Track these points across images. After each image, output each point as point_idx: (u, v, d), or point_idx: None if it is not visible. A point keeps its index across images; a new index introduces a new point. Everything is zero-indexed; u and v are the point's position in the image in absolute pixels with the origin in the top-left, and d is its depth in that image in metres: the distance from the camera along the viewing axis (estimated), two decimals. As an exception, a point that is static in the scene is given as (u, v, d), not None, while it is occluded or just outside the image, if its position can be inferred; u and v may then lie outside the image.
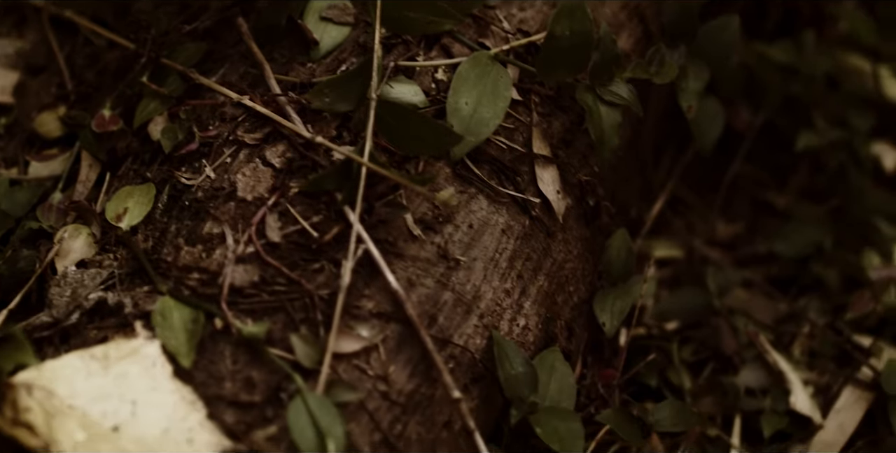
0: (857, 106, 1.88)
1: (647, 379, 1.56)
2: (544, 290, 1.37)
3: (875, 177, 1.89)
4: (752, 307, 1.69)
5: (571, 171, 1.43)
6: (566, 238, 1.42)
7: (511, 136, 1.39)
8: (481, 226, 1.31)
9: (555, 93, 1.44)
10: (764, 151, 1.90)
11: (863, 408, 1.56)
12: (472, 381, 1.26)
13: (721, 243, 1.81)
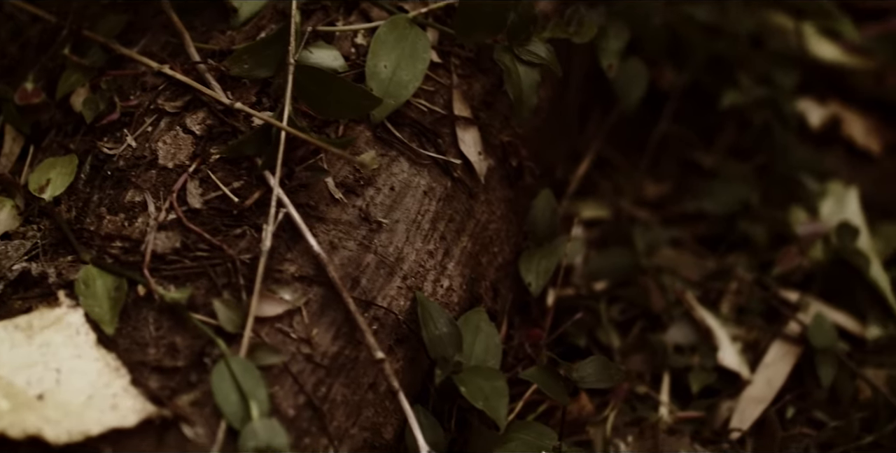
0: (781, 64, 1.91)
1: (576, 339, 1.59)
2: (468, 251, 1.39)
3: (800, 134, 1.92)
4: (679, 265, 1.71)
5: (493, 133, 1.45)
6: (489, 199, 1.44)
7: (431, 99, 1.41)
8: (403, 189, 1.33)
9: (475, 55, 1.45)
10: (690, 111, 1.93)
11: (791, 363, 1.59)
12: (397, 343, 1.28)
13: (649, 203, 1.84)
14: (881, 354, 1.63)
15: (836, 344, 1.56)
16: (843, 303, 1.67)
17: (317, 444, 1.16)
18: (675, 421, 1.51)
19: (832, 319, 1.62)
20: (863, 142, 1.95)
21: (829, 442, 1.52)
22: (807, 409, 1.57)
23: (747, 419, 1.53)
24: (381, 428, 1.24)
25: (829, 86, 2.02)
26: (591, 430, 1.47)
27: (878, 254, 1.72)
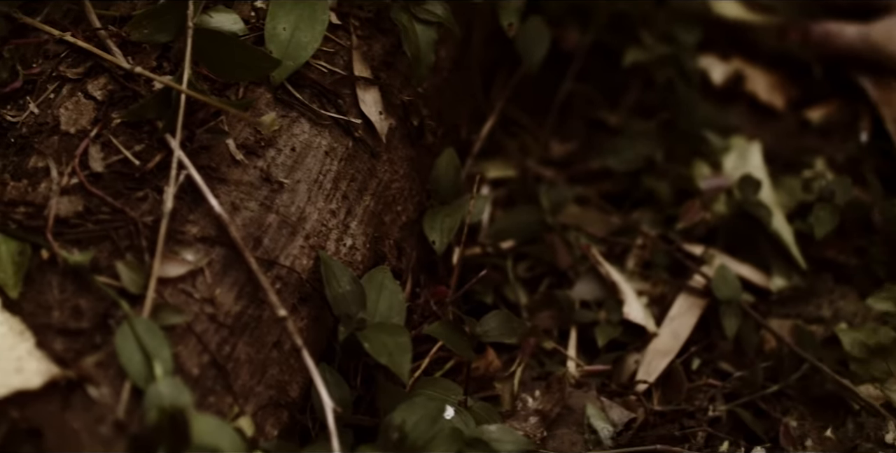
0: (683, 21, 1.95)
1: (483, 297, 1.62)
2: (371, 210, 1.43)
3: (704, 91, 1.96)
4: (585, 222, 1.75)
5: (394, 92, 1.48)
6: (391, 158, 1.47)
7: (331, 60, 1.43)
8: (304, 149, 1.36)
9: (374, 15, 1.48)
10: (595, 70, 1.97)
11: (696, 315, 1.64)
12: (301, 301, 1.30)
13: (554, 162, 1.87)
14: (785, 305, 1.68)
15: (739, 295, 1.60)
16: (747, 256, 1.72)
17: (222, 403, 1.19)
18: (582, 374, 1.55)
19: (736, 271, 1.67)
20: (766, 97, 1.99)
21: (734, 392, 1.57)
22: (712, 361, 1.62)
23: (653, 371, 1.57)
24: (287, 386, 1.27)
25: (732, 42, 2.06)
26: (499, 385, 1.51)
27: (780, 206, 1.76)
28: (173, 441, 1.11)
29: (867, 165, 1.88)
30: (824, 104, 2.01)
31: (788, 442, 1.50)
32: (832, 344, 1.62)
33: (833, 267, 1.74)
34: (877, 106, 1.94)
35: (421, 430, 1.22)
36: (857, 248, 1.75)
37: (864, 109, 1.98)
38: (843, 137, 1.95)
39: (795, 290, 1.69)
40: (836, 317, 1.67)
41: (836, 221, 1.65)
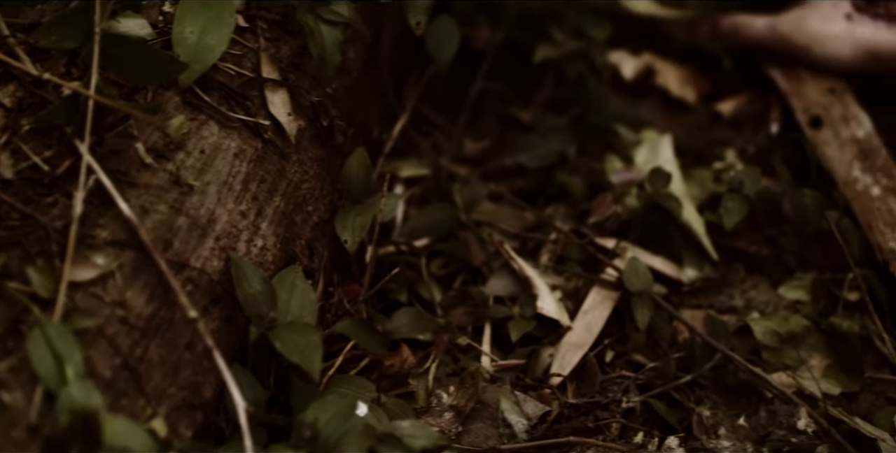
0: (593, 17, 1.99)
1: (397, 295, 1.65)
2: (281, 211, 1.45)
3: (615, 85, 2.00)
4: (499, 218, 1.78)
5: (303, 94, 1.51)
6: (301, 159, 1.50)
7: (240, 62, 1.46)
8: (213, 151, 1.39)
9: (282, 18, 1.51)
10: (507, 67, 2.00)
11: (609, 308, 1.67)
12: (212, 302, 1.33)
13: (468, 160, 1.91)
14: (697, 296, 1.73)
15: (651, 287, 1.64)
16: (659, 248, 1.75)
17: (134, 405, 1.21)
18: (497, 369, 1.58)
19: (649, 264, 1.70)
20: (677, 91, 2.04)
21: (648, 383, 1.60)
22: (626, 352, 1.66)
23: (567, 364, 1.60)
24: (200, 386, 1.30)
25: (643, 37, 2.10)
26: (413, 382, 1.54)
27: (692, 198, 1.80)
28: (85, 443, 1.13)
29: (777, 156, 1.93)
30: (735, 96, 2.05)
31: (701, 431, 1.54)
32: (744, 333, 1.66)
33: (745, 257, 1.78)
34: (786, 97, 1.99)
35: (333, 427, 1.25)
36: (768, 238, 1.80)
37: (774, 101, 2.03)
38: (754, 129, 2.00)
39: (707, 281, 1.73)
40: (748, 307, 1.72)
41: (745, 211, 1.69)
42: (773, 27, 2.00)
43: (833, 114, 1.94)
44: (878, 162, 1.86)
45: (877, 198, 1.80)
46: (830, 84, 2.00)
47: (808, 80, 2.01)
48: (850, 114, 1.94)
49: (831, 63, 1.99)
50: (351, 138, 1.62)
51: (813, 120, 1.94)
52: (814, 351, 1.65)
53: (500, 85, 1.99)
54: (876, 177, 1.83)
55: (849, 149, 1.88)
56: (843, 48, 1.97)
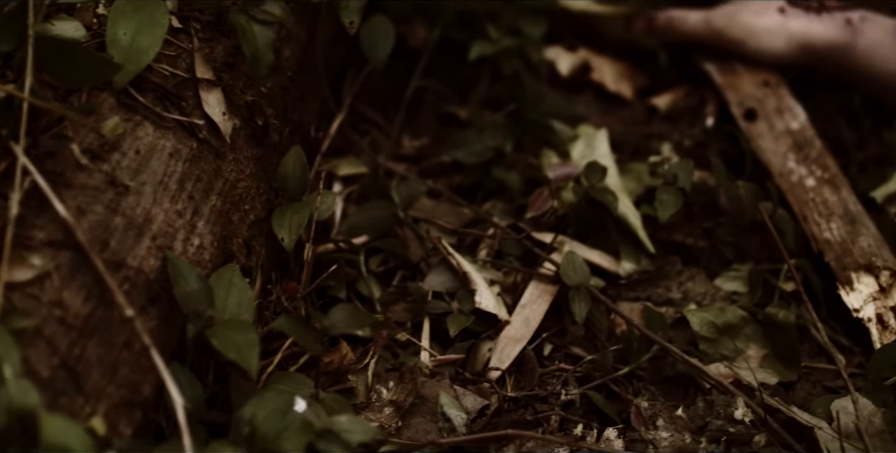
0: (529, 14, 2.03)
1: (337, 292, 1.68)
2: (218, 210, 1.48)
3: (551, 82, 2.04)
4: (437, 215, 1.81)
5: (237, 93, 1.53)
6: (237, 158, 1.53)
7: (174, 63, 1.48)
8: (148, 152, 1.41)
9: (215, 18, 1.53)
10: (445, 65, 2.04)
11: (547, 302, 1.70)
12: (150, 301, 1.35)
13: (407, 157, 1.94)
14: (635, 288, 1.76)
15: (588, 281, 1.67)
16: (596, 242, 1.79)
17: (73, 404, 1.23)
18: (436, 364, 1.61)
19: (586, 257, 1.73)
20: (613, 86, 2.07)
21: (586, 375, 1.63)
22: (564, 346, 1.69)
23: (506, 358, 1.63)
24: (139, 385, 1.32)
25: (579, 34, 2.14)
26: (353, 378, 1.56)
27: (628, 192, 1.84)
28: (24, 442, 1.15)
29: (713, 149, 1.97)
30: (671, 91, 2.09)
31: (640, 423, 1.57)
32: (682, 325, 1.70)
33: (681, 249, 1.82)
34: (721, 90, 2.03)
35: (271, 423, 1.27)
36: (704, 230, 1.84)
37: (709, 94, 2.08)
38: (690, 122, 2.04)
39: (644, 274, 1.76)
40: (685, 299, 1.75)
41: (679, 204, 1.73)
42: (708, 21, 2.04)
43: (768, 107, 1.98)
44: (812, 153, 1.90)
45: (811, 189, 1.84)
46: (765, 77, 2.04)
47: (743, 73, 2.05)
48: (785, 106, 1.99)
49: (765, 56, 2.03)
50: (287, 137, 1.64)
51: (748, 113, 1.98)
52: (750, 341, 1.69)
53: (438, 82, 2.02)
54: (810, 168, 1.88)
55: (783, 141, 1.92)
56: (777, 41, 2.01)
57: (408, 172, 1.86)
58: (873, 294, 1.70)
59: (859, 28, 1.96)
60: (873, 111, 2.05)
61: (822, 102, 2.07)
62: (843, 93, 2.07)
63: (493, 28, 1.97)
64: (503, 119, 1.91)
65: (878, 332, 1.67)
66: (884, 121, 2.03)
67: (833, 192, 1.84)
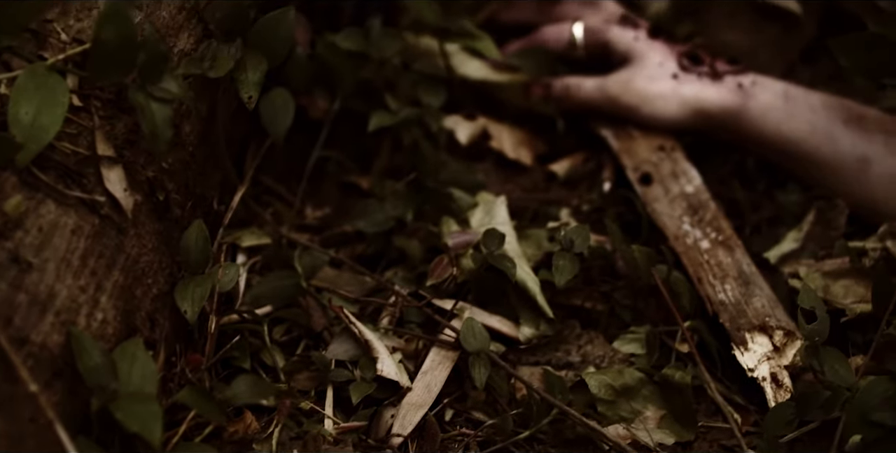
0: (427, 84, 2.10)
1: (241, 362, 1.73)
2: (120, 284, 1.53)
3: (451, 150, 2.11)
4: (339, 284, 1.88)
5: (138, 169, 1.59)
6: (139, 233, 1.59)
7: (75, 141, 1.54)
8: (51, 229, 1.46)
9: (115, 96, 1.59)
10: (346, 135, 2.11)
11: (448, 367, 1.77)
12: (54, 376, 1.40)
13: (309, 227, 2.00)
14: (535, 353, 1.83)
15: (487, 346, 1.73)
16: (497, 308, 1.85)
17: (-21, 477, 1.29)
18: (339, 432, 1.66)
19: (486, 323, 1.80)
20: (512, 154, 2.15)
21: (487, 439, 1.70)
22: (465, 411, 1.75)
23: (408, 424, 1.69)
24: (46, 458, 1.37)
25: (479, 102, 2.22)
26: (258, 447, 1.61)
27: (527, 257, 1.91)
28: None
29: (610, 213, 2.05)
30: (569, 157, 2.17)
31: (540, 484, 1.64)
32: (581, 387, 1.77)
33: (580, 313, 1.89)
34: (618, 155, 2.12)
35: (176, 493, 1.33)
36: (602, 294, 1.91)
37: (606, 160, 2.16)
38: (588, 187, 2.12)
39: (544, 338, 1.83)
40: (584, 362, 1.83)
41: (576, 269, 1.80)
42: (603, 88, 2.12)
43: (663, 171, 2.07)
44: (706, 216, 1.98)
45: (706, 252, 1.93)
46: (660, 141, 2.13)
47: (639, 138, 2.13)
48: (680, 170, 2.07)
49: (660, 121, 2.12)
50: (189, 210, 1.70)
51: (643, 177, 2.06)
52: (648, 402, 1.76)
53: (339, 153, 2.09)
54: (705, 230, 1.96)
55: (678, 205, 2.01)
56: (670, 106, 2.09)
57: (310, 242, 1.92)
58: (767, 353, 1.77)
59: (751, 92, 2.05)
60: (767, 173, 2.14)
61: (717, 165, 2.16)
62: (738, 155, 2.16)
63: (393, 98, 2.04)
64: (404, 188, 1.98)
65: (773, 391, 1.74)
66: (777, 183, 2.12)
67: (727, 254, 1.91)
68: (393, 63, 2.12)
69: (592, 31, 2.20)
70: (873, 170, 1.99)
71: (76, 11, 1.62)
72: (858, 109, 2.04)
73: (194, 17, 1.75)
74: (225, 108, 1.84)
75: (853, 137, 2.01)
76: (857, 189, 2.01)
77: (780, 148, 2.06)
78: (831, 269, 1.90)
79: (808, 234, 2.00)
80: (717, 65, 2.13)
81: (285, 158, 2.07)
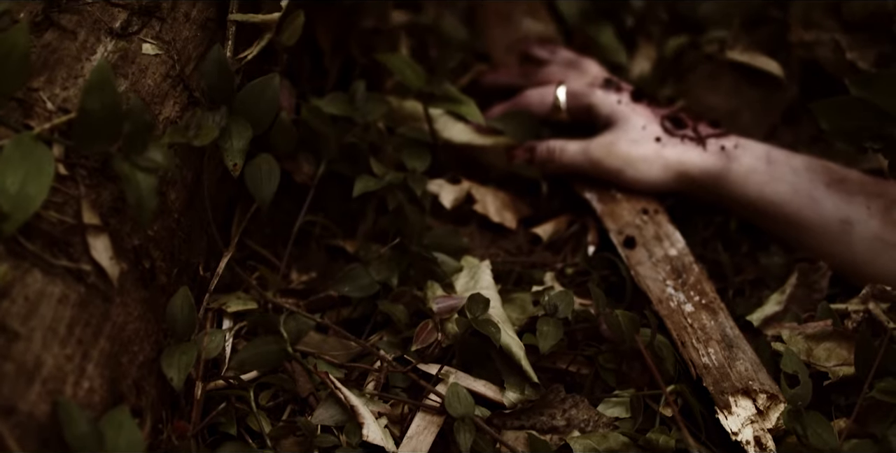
0: (412, 148, 2.13)
1: (227, 428, 1.75)
2: (107, 352, 1.56)
3: (435, 214, 2.14)
4: (325, 349, 1.90)
5: (124, 237, 1.62)
6: (125, 301, 1.61)
7: (61, 210, 1.57)
8: (38, 298, 1.49)
9: (101, 165, 1.62)
10: (332, 199, 2.14)
11: (433, 432, 1.78)
12: (42, 445, 1.41)
13: (295, 292, 2.03)
14: (519, 417, 1.84)
15: (472, 411, 1.75)
16: (482, 372, 1.87)
17: None
18: (326, 497, 1.69)
19: (471, 388, 1.82)
20: (497, 217, 2.18)
21: (473, 504, 1.72)
22: (452, 475, 1.77)
23: (395, 489, 1.71)
24: (32, 526, 1.39)
25: (463, 165, 2.25)
26: (245, 513, 1.64)
27: (512, 321, 1.93)
28: None
29: (594, 277, 2.08)
30: (553, 220, 2.20)
31: None
32: (567, 452, 1.79)
33: (565, 377, 1.91)
34: (602, 218, 2.14)
35: None
36: (587, 358, 1.93)
37: (591, 223, 2.19)
38: (572, 250, 2.15)
39: (529, 402, 1.84)
40: (569, 426, 1.84)
41: (560, 334, 1.83)
42: (586, 152, 2.15)
43: (646, 234, 2.10)
44: (690, 279, 2.01)
45: (689, 315, 1.95)
46: (644, 204, 2.16)
47: (622, 201, 2.16)
48: (663, 232, 2.10)
49: (643, 184, 2.15)
50: (175, 277, 1.73)
51: (627, 240, 2.09)
52: (632, 465, 1.79)
53: (324, 217, 2.11)
54: (688, 294, 1.99)
55: (662, 268, 2.04)
56: (654, 169, 2.12)
57: (296, 307, 1.94)
58: (751, 417, 1.79)
59: (733, 155, 2.08)
60: (750, 235, 2.17)
61: (700, 227, 2.19)
62: (721, 217, 2.18)
63: (377, 162, 2.07)
64: (389, 252, 2.00)
65: (757, 454, 1.76)
66: (760, 245, 2.15)
67: (711, 317, 1.94)
68: (378, 127, 2.15)
69: (576, 95, 2.23)
70: (855, 232, 2.02)
71: (62, 80, 1.65)
72: (840, 172, 2.07)
73: (179, 85, 1.78)
74: (210, 174, 1.87)
75: (835, 200, 2.04)
76: (840, 251, 2.04)
77: (763, 210, 2.09)
78: (814, 332, 1.93)
79: (790, 297, 2.02)
80: (700, 128, 2.16)
81: (271, 222, 2.10)
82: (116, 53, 1.71)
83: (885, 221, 2.00)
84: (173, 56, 1.79)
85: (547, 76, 2.34)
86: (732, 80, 2.42)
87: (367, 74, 2.26)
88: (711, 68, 2.43)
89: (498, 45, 2.56)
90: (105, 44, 1.72)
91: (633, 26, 2.57)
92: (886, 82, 1.86)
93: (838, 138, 1.92)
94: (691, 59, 2.49)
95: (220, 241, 1.92)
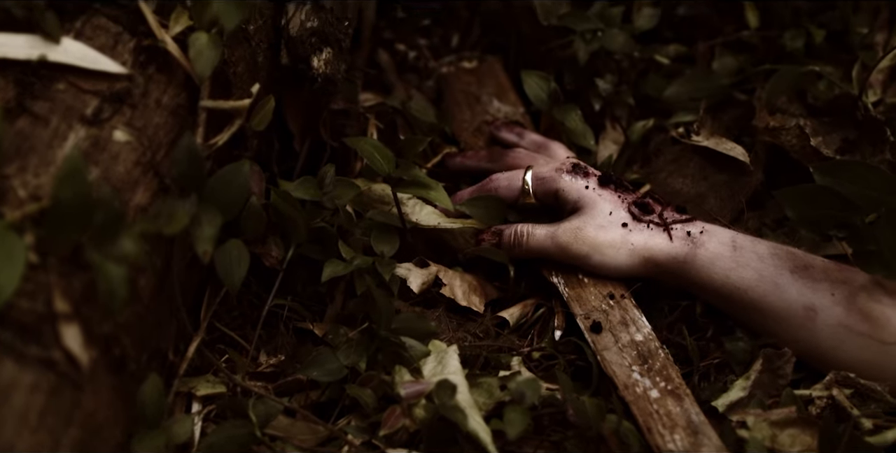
0: (381, 232, 2.18)
1: (197, 514, 1.79)
2: (77, 439, 1.58)
3: (403, 297, 2.18)
4: (293, 433, 1.92)
5: (95, 325, 1.65)
6: (95, 388, 1.64)
7: (33, 297, 1.59)
8: (9, 387, 1.51)
9: (72, 254, 1.66)
10: (301, 283, 2.18)
11: (402, 518, 1.82)
12: (11, 532, 1.45)
13: (264, 375, 2.06)
14: (486, 503, 1.88)
15: (438, 497, 1.79)
16: (449, 457, 1.91)
17: None
18: None
19: (439, 473, 1.86)
20: (464, 301, 2.21)
21: None
22: None
23: None
24: None
25: (431, 248, 2.29)
26: None
27: (480, 406, 1.96)
28: None
29: (561, 361, 2.11)
30: (520, 304, 2.24)
31: None
32: (532, 536, 1.82)
33: (532, 461, 1.95)
34: (568, 303, 2.18)
35: None
36: (553, 443, 1.96)
37: (557, 307, 2.23)
38: (539, 335, 2.19)
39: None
40: (535, 510, 1.88)
41: (527, 421, 1.86)
42: (554, 236, 2.19)
43: (612, 319, 2.14)
44: (655, 364, 2.05)
45: (655, 401, 1.98)
46: (610, 289, 2.20)
47: (589, 285, 2.20)
48: (629, 318, 2.14)
49: (610, 269, 2.19)
50: (145, 363, 1.75)
51: (594, 325, 2.13)
52: None
53: (293, 300, 2.15)
54: (654, 380, 2.02)
55: (628, 353, 2.07)
56: (620, 255, 2.17)
57: (265, 391, 1.97)
58: (716, 503, 1.83)
59: (699, 241, 2.12)
60: (715, 320, 2.20)
61: (666, 311, 2.23)
62: (687, 301, 2.22)
63: (346, 246, 2.11)
64: (357, 336, 2.03)
65: (723, 541, 1.79)
66: (725, 330, 2.19)
67: (676, 403, 1.97)
68: (347, 210, 2.19)
69: (543, 180, 2.27)
70: (820, 318, 2.05)
71: (34, 167, 1.68)
72: (805, 258, 2.11)
73: (150, 171, 1.82)
74: (180, 259, 1.89)
75: (800, 286, 2.08)
76: (804, 337, 2.08)
77: (728, 295, 2.13)
78: (778, 418, 1.96)
79: (755, 382, 2.06)
80: (667, 213, 2.20)
81: (240, 305, 2.14)
82: (88, 140, 1.75)
83: (849, 309, 2.04)
84: (144, 143, 1.82)
85: (514, 160, 2.39)
86: (698, 164, 2.48)
87: (337, 156, 2.31)
88: (677, 152, 2.49)
89: (466, 127, 2.61)
90: (77, 131, 1.75)
91: (600, 109, 2.61)
92: (850, 171, 1.91)
93: (804, 226, 1.97)
94: (658, 143, 2.55)
95: (189, 325, 1.94)
